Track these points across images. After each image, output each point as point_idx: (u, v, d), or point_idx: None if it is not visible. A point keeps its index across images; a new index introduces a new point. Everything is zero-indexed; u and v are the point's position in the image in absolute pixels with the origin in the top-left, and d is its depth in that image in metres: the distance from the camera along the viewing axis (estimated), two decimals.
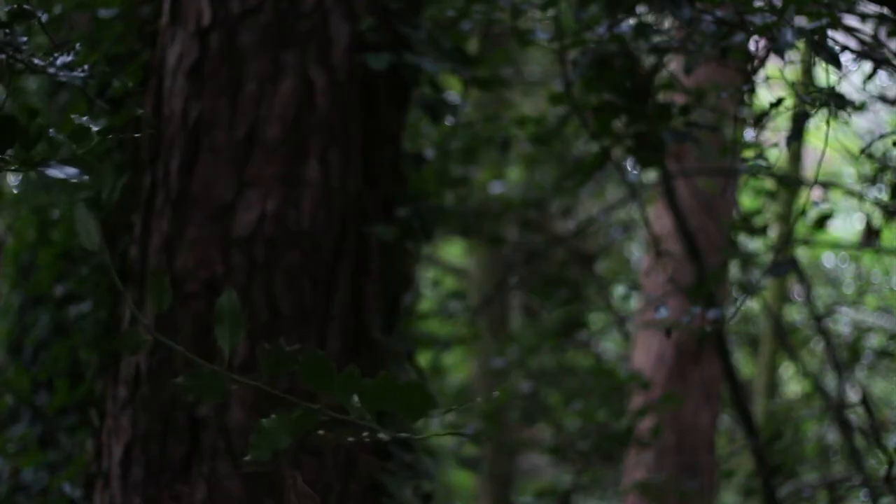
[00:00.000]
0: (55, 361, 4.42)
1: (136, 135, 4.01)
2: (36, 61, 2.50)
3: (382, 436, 1.69)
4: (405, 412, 1.71)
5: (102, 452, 3.82)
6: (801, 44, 3.88)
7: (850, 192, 5.71)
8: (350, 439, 1.81)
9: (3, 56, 2.42)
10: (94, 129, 4.12)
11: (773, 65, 4.14)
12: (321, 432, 1.80)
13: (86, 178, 2.01)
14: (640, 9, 4.17)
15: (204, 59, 3.85)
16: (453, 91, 5.48)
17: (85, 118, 2.22)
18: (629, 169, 5.39)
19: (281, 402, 1.97)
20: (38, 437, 4.66)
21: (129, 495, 3.68)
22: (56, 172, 2.01)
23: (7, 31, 2.43)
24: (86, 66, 2.54)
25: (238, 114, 3.81)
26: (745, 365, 12.97)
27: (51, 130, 2.21)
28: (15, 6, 2.46)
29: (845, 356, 8.53)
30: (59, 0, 4.36)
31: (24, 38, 2.46)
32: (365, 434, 1.77)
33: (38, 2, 4.13)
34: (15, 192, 4.67)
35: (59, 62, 2.53)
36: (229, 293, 1.73)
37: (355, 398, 1.71)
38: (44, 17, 2.54)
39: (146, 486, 3.66)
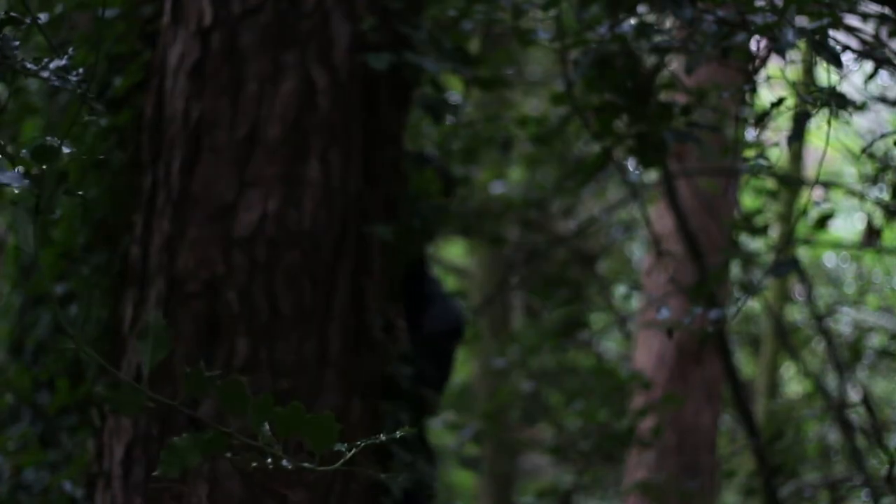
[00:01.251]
0: (56, 361, 4.42)
1: (137, 135, 4.03)
2: (28, 65, 2.49)
3: (285, 463, 1.72)
4: (312, 441, 1.74)
5: (104, 452, 3.83)
6: (802, 43, 3.88)
7: (852, 192, 5.71)
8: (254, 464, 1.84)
9: None
10: (95, 129, 4.13)
11: (774, 65, 4.14)
12: (229, 455, 1.82)
13: (26, 182, 2.01)
14: (642, 9, 4.17)
15: (205, 59, 3.85)
16: (454, 91, 5.48)
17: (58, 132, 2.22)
18: (630, 169, 5.39)
19: (277, 403, 1.97)
20: (39, 436, 4.66)
21: (130, 495, 3.69)
22: (4, 178, 2.01)
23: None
24: (80, 70, 2.54)
25: (239, 114, 3.81)
26: (746, 365, 12.97)
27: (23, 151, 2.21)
28: (6, 12, 2.46)
29: (846, 356, 8.53)
30: (60, 0, 4.36)
31: (17, 43, 2.46)
32: (269, 460, 1.80)
33: (39, 2, 4.13)
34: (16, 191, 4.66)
35: (52, 66, 2.52)
36: (156, 316, 1.75)
37: (265, 426, 1.73)
38: (44, 18, 2.54)
39: (147, 486, 3.66)
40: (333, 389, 3.77)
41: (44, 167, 1.99)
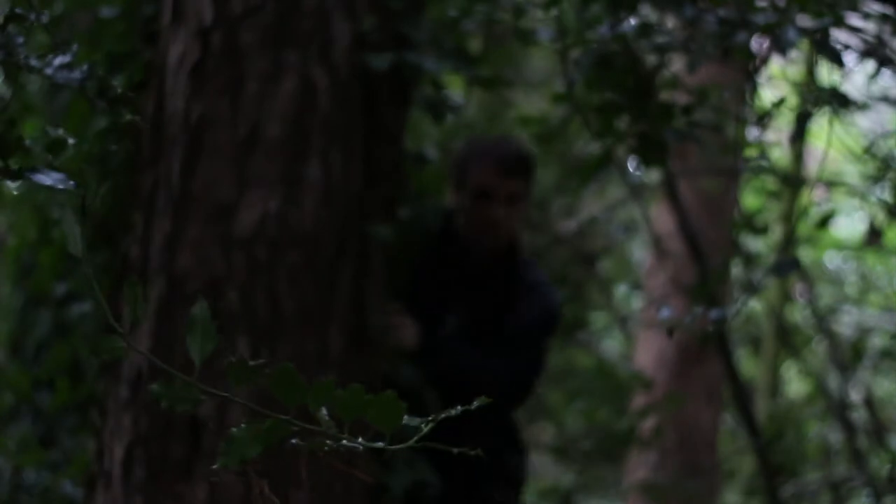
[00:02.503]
0: (56, 361, 4.42)
1: (138, 134, 4.02)
2: (32, 62, 2.49)
3: (350, 444, 1.70)
4: (377, 422, 1.72)
5: (104, 452, 3.82)
6: (803, 43, 3.88)
7: (853, 192, 5.71)
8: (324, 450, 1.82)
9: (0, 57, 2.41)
10: (96, 128, 4.13)
11: (775, 64, 4.13)
12: (294, 441, 1.81)
13: (71, 183, 2.01)
14: (643, 8, 4.16)
15: (205, 59, 3.85)
16: (455, 91, 5.48)
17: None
18: (631, 169, 5.40)
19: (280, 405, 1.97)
20: (39, 436, 4.66)
21: (130, 495, 3.68)
22: (43, 179, 2.01)
23: (2, 32, 2.42)
24: (84, 67, 2.54)
25: (239, 113, 3.81)
26: (747, 365, 12.97)
27: (27, 141, 2.21)
28: (9, 9, 2.46)
29: (848, 356, 8.53)
30: None
31: (21, 39, 2.45)
32: (337, 444, 1.78)
33: (39, 1, 4.13)
34: (15, 192, 4.67)
35: (56, 63, 2.52)
36: (202, 304, 1.73)
37: (324, 410, 1.72)
38: (44, 18, 2.54)
39: (148, 486, 3.66)
40: None
41: (85, 168, 1.99)
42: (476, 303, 4.48)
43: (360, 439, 1.73)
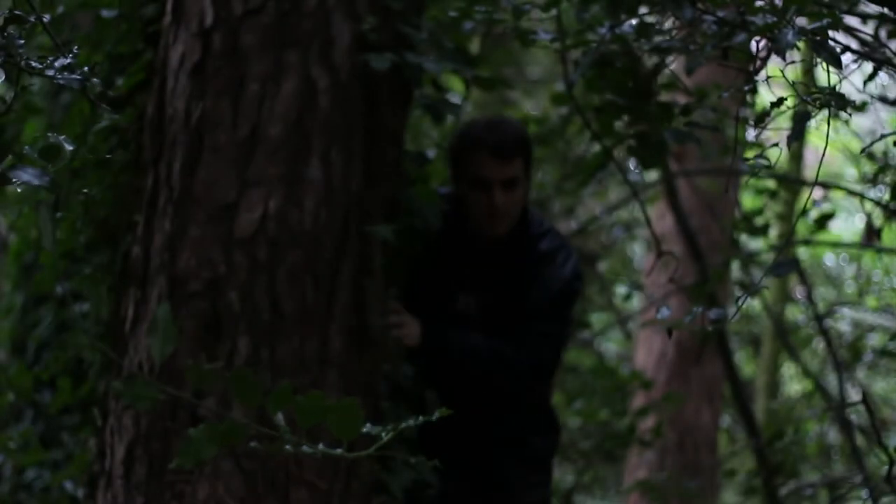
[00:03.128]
0: (57, 360, 4.43)
1: (139, 135, 4.04)
2: (34, 64, 2.50)
3: (307, 449, 1.71)
4: (336, 430, 1.73)
5: (105, 451, 3.83)
6: (802, 44, 3.89)
7: (851, 192, 5.72)
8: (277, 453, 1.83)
9: (1, 59, 2.43)
10: (97, 128, 4.14)
11: (774, 65, 4.15)
12: (253, 444, 1.82)
13: (46, 179, 2.02)
14: (642, 9, 4.17)
15: (206, 59, 3.86)
16: (455, 91, 5.49)
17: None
18: (631, 168, 5.41)
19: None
20: (40, 435, 4.68)
21: (131, 494, 3.69)
22: (20, 175, 2.03)
23: (4, 34, 2.43)
24: (85, 68, 2.55)
25: (240, 114, 3.82)
26: (746, 364, 12.97)
27: (26, 148, 2.22)
28: (10, 11, 2.47)
29: (846, 356, 8.54)
30: (62, 0, 4.37)
31: (22, 41, 2.47)
32: (292, 448, 1.79)
33: (40, 2, 4.14)
34: (18, 190, 4.68)
35: (57, 64, 2.53)
36: (164, 307, 1.74)
37: (280, 415, 1.73)
38: (45, 19, 2.55)
39: (149, 484, 3.67)
40: (334, 389, 3.77)
41: (51, 166, 2.00)
42: (489, 281, 4.46)
43: (320, 445, 1.75)
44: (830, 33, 3.82)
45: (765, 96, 4.99)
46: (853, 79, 4.73)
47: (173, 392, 1.79)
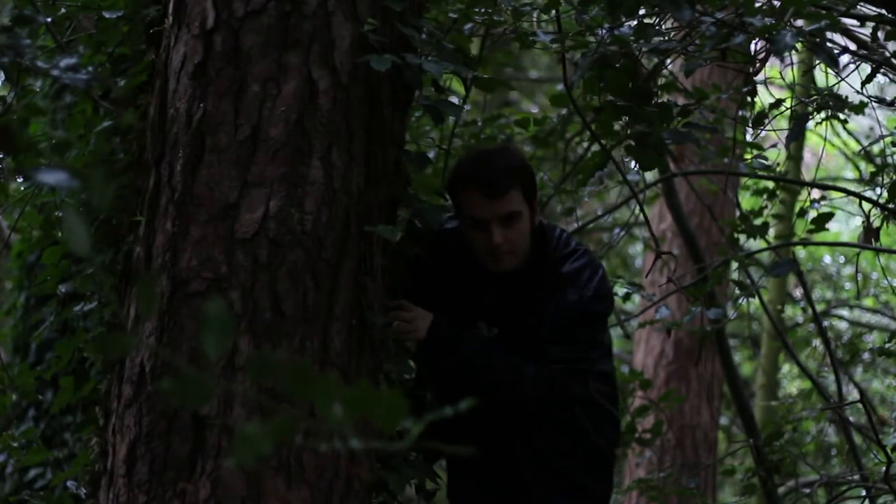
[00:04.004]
0: (60, 360, 4.44)
1: (141, 135, 4.05)
2: (39, 64, 2.52)
3: (356, 443, 1.72)
4: (380, 420, 1.73)
5: (107, 450, 3.85)
6: (800, 45, 3.91)
7: (849, 193, 5.73)
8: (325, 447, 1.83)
9: (6, 59, 2.45)
10: (99, 129, 4.16)
11: (772, 66, 4.16)
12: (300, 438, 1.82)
13: (74, 182, 2.03)
14: (641, 11, 4.19)
15: (208, 61, 3.87)
16: (456, 92, 5.50)
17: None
18: (631, 168, 5.42)
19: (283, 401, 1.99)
20: (43, 434, 4.69)
21: (133, 493, 3.71)
22: (46, 178, 2.04)
23: (10, 34, 2.45)
24: (89, 68, 2.57)
25: (242, 114, 3.83)
26: (745, 364, 12.98)
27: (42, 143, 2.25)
28: (17, 11, 2.49)
29: (844, 355, 8.55)
30: (64, 2, 4.38)
31: (28, 42, 2.49)
32: (342, 442, 1.79)
33: (43, 4, 4.16)
34: (22, 188, 4.70)
35: (62, 64, 2.55)
36: (216, 301, 1.75)
37: (336, 407, 1.73)
38: (48, 20, 2.57)
39: (151, 483, 3.68)
40: None
41: (92, 168, 2.01)
42: (510, 311, 4.25)
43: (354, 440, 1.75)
44: (828, 35, 3.84)
45: (763, 97, 5.01)
46: (851, 80, 4.75)
47: (229, 386, 1.80)
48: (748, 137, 5.88)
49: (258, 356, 1.68)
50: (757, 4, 3.92)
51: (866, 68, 4.44)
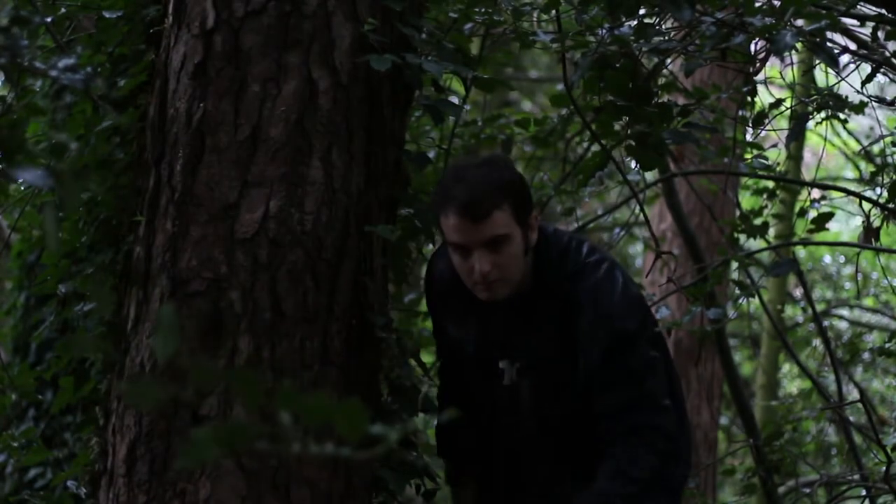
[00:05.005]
0: (60, 360, 4.44)
1: (140, 135, 4.05)
2: (37, 64, 2.52)
3: (315, 450, 1.72)
4: (342, 429, 1.73)
5: (107, 450, 3.85)
6: (800, 45, 3.91)
7: (849, 193, 5.73)
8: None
9: (4, 60, 2.45)
10: (98, 129, 4.16)
11: (772, 66, 4.16)
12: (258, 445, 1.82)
13: (50, 180, 2.03)
14: (641, 10, 4.19)
15: (208, 61, 3.87)
16: (456, 91, 5.50)
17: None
18: (631, 168, 5.42)
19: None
20: (43, 434, 4.69)
21: (133, 493, 3.71)
22: (25, 176, 2.04)
23: (8, 34, 2.45)
24: (88, 68, 2.57)
25: (242, 114, 3.83)
26: (745, 363, 12.98)
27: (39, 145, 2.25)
28: (14, 11, 2.49)
29: (844, 355, 8.55)
30: (64, 2, 4.38)
31: (25, 42, 2.49)
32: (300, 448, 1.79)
33: (43, 4, 4.16)
34: (22, 189, 4.70)
35: (60, 64, 2.55)
36: (168, 308, 1.75)
37: (287, 415, 1.73)
38: (48, 21, 2.57)
39: (151, 483, 3.69)
40: (335, 388, 3.79)
41: (62, 166, 2.01)
42: (523, 342, 3.80)
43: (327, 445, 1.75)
44: (828, 34, 3.84)
45: (763, 97, 5.02)
46: (851, 80, 4.75)
47: (176, 392, 1.80)
48: (748, 137, 5.88)
49: (200, 365, 1.68)
50: (757, 4, 3.92)
51: (866, 68, 4.45)
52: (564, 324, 3.69)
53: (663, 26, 4.50)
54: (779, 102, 4.86)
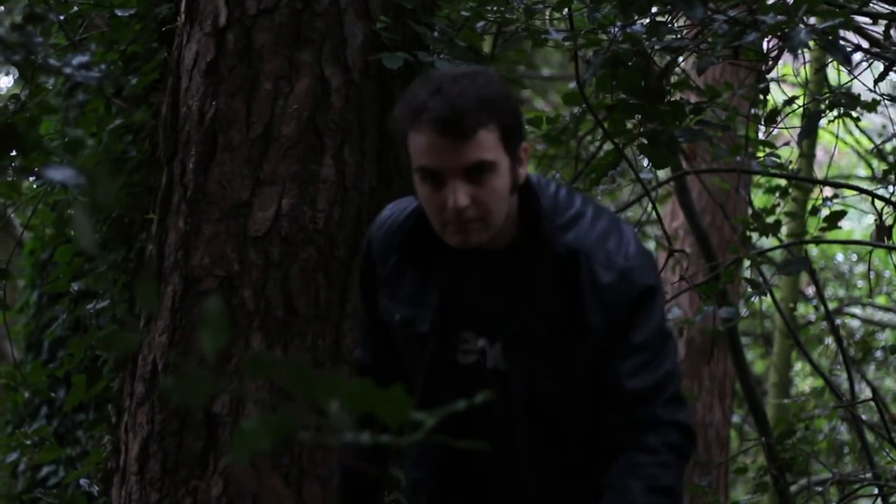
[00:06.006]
0: (72, 358, 4.45)
1: (153, 133, 4.06)
2: (51, 61, 2.53)
3: (364, 438, 1.71)
4: (385, 416, 1.73)
5: (120, 448, 3.86)
6: (813, 43, 3.90)
7: (861, 191, 5.72)
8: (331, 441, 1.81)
9: (19, 57, 2.45)
10: (111, 127, 4.17)
11: (785, 63, 4.15)
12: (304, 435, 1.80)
13: (82, 179, 2.03)
14: (654, 9, 4.19)
15: (220, 59, 3.88)
16: None
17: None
18: (643, 166, 5.42)
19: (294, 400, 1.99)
20: (55, 432, 4.70)
21: (146, 490, 3.72)
22: (54, 175, 2.05)
23: (22, 32, 2.46)
24: (102, 66, 2.57)
25: (254, 113, 3.84)
26: (757, 362, 12.97)
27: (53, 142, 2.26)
28: (28, 9, 2.50)
29: (857, 353, 8.54)
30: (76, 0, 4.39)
31: (40, 39, 2.49)
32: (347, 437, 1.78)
33: (56, 2, 4.17)
34: (34, 187, 4.71)
35: (74, 62, 2.56)
36: (214, 300, 1.75)
37: (335, 403, 1.72)
38: (61, 18, 2.58)
39: (163, 481, 3.69)
40: None
41: (97, 165, 2.01)
42: (499, 311, 2.94)
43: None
44: (841, 32, 3.83)
45: (776, 95, 5.01)
46: (864, 77, 4.74)
47: (227, 384, 1.80)
48: (760, 135, 5.87)
49: (258, 356, 1.68)
50: (769, 2, 3.92)
51: (879, 66, 4.44)
52: (560, 284, 2.88)
53: (675, 24, 4.50)
54: (791, 100, 4.86)
